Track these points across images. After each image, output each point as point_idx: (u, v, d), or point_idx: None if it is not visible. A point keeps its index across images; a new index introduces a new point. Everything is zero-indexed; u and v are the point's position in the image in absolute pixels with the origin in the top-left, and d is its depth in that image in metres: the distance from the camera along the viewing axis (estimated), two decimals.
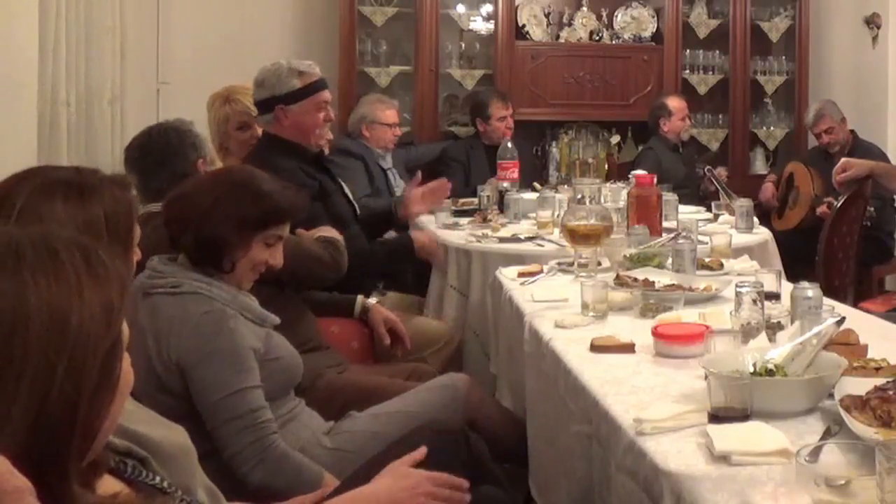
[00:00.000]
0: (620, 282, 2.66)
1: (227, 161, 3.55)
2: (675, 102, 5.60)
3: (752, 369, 1.75)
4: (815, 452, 1.43)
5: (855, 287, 4.34)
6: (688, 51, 6.03)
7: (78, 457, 0.99)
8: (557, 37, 5.94)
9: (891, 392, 1.53)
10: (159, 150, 2.80)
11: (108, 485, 1.13)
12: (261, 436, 2.05)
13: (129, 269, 1.38)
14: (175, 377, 2.10)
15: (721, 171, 5.47)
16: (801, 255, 4.28)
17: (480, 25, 5.86)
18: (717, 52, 6.08)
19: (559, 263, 3.08)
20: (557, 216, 3.60)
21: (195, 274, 2.17)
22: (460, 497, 1.76)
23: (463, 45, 5.88)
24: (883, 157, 5.11)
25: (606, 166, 5.21)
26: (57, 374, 0.95)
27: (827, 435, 1.56)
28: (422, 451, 1.84)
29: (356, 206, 3.53)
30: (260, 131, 3.46)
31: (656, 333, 2.11)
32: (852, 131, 5.46)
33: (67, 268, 0.99)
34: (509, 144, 4.56)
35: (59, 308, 0.97)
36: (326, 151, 3.46)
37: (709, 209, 4.45)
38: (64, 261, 1.00)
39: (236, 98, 3.68)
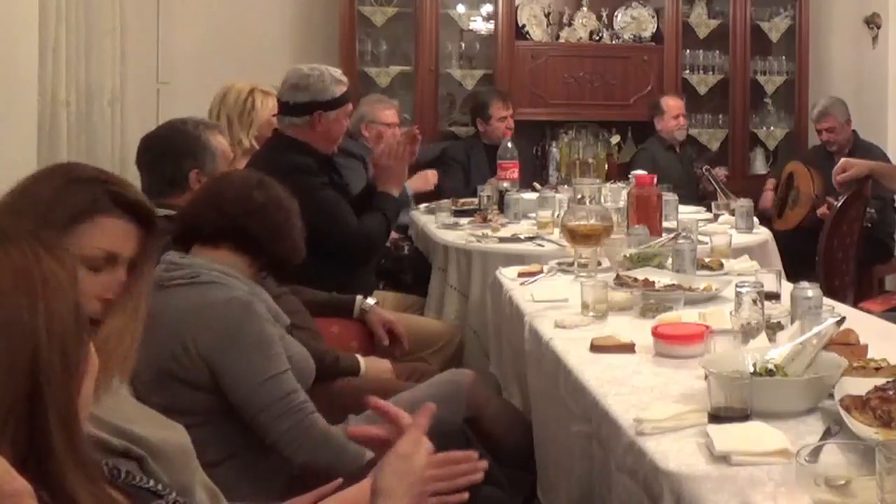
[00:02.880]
0: (620, 282, 2.65)
1: (241, 158, 3.56)
2: (669, 101, 5.60)
3: (752, 369, 1.75)
4: (815, 452, 1.43)
5: (855, 287, 4.33)
6: (688, 51, 6.03)
7: (70, 448, 0.97)
8: (557, 37, 5.94)
9: (891, 392, 1.53)
10: (157, 149, 2.74)
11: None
12: (300, 418, 2.06)
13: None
14: (201, 370, 2.07)
15: (719, 171, 5.47)
16: (801, 255, 4.27)
17: (480, 25, 5.86)
18: (717, 52, 6.08)
19: (559, 263, 3.08)
20: (557, 216, 3.60)
21: (212, 264, 2.16)
22: (472, 468, 1.64)
23: (463, 45, 5.88)
24: (884, 157, 5.11)
25: (606, 166, 5.21)
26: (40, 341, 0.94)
27: (827, 435, 1.56)
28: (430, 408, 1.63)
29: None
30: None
31: (656, 333, 2.11)
32: (853, 131, 5.46)
33: (19, 238, 0.97)
34: (509, 144, 4.56)
35: (23, 269, 0.95)
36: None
37: (708, 209, 4.45)
38: (12, 235, 0.98)
39: (272, 93, 3.72)
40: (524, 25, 5.82)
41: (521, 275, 2.99)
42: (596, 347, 2.12)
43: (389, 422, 1.55)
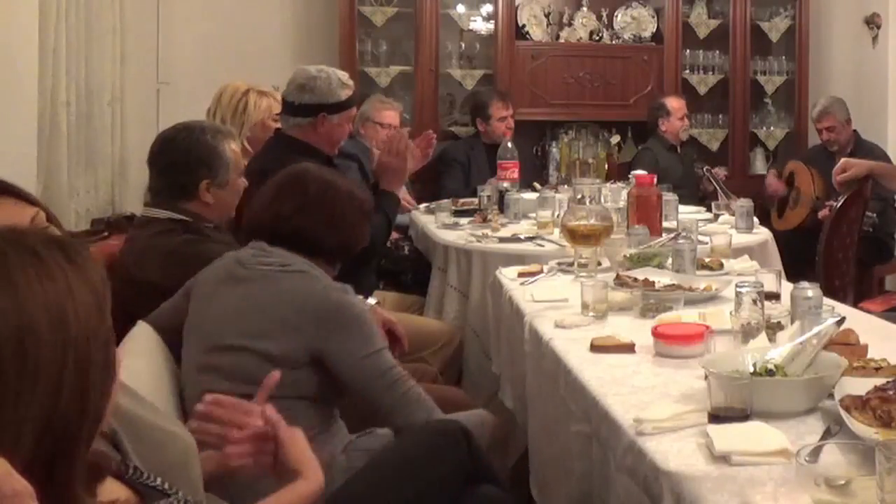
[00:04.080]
0: (620, 282, 2.65)
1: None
2: (674, 103, 5.60)
3: (752, 369, 1.75)
4: (815, 452, 1.43)
5: (855, 287, 4.34)
6: (688, 51, 6.03)
7: (87, 445, 1.00)
8: (557, 37, 5.94)
9: (891, 392, 1.53)
10: (173, 154, 2.66)
11: (110, 487, 1.13)
12: (408, 387, 2.20)
13: None
14: (303, 353, 2.14)
15: (719, 171, 5.47)
16: (801, 255, 4.27)
17: (480, 25, 5.86)
18: (717, 52, 6.08)
19: (559, 263, 3.08)
20: (557, 216, 3.60)
21: (297, 257, 2.26)
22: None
23: (463, 45, 5.88)
24: (885, 157, 5.11)
25: (606, 166, 5.21)
26: (67, 370, 0.97)
27: (827, 435, 1.56)
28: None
29: None
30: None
31: (656, 333, 2.11)
32: (854, 131, 5.46)
33: (51, 263, 1.00)
34: (509, 144, 4.55)
35: (56, 305, 0.97)
36: None
37: (708, 209, 4.45)
38: (45, 257, 1.00)
39: (270, 94, 3.72)
40: (524, 25, 5.82)
41: (521, 275, 2.99)
42: (596, 347, 2.12)
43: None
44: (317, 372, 2.17)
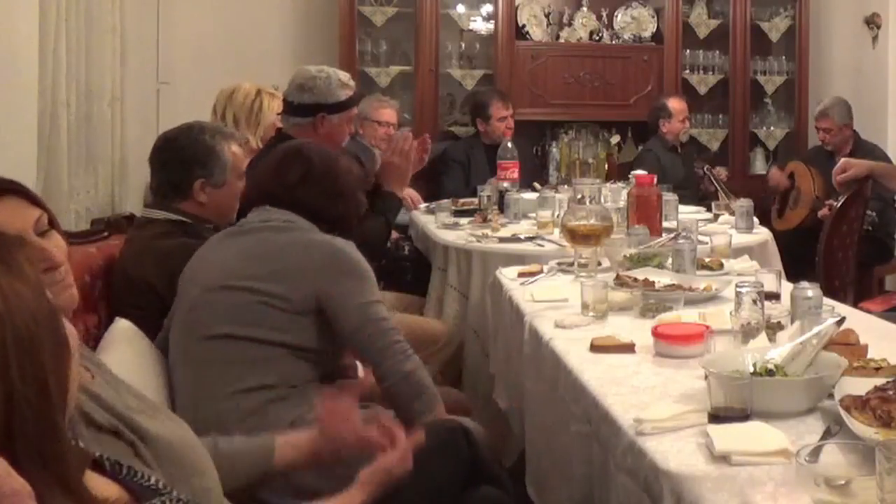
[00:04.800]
0: (620, 282, 2.65)
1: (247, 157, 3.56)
2: (676, 104, 5.60)
3: (752, 369, 1.75)
4: (815, 452, 1.43)
5: (855, 287, 4.34)
6: (688, 51, 6.03)
7: (61, 419, 1.01)
8: (557, 37, 5.94)
9: (891, 392, 1.53)
10: (170, 152, 2.65)
11: (104, 487, 1.13)
12: (399, 339, 2.29)
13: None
14: (307, 296, 2.22)
15: (720, 171, 5.48)
16: (801, 255, 4.27)
17: (480, 25, 5.86)
18: (717, 52, 6.08)
19: (559, 263, 3.08)
20: (557, 216, 3.60)
21: (300, 218, 2.36)
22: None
23: (463, 45, 5.88)
24: (885, 157, 5.11)
25: (606, 166, 5.21)
26: (11, 357, 0.97)
27: (827, 435, 1.56)
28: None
29: None
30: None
31: (656, 333, 2.11)
32: (854, 132, 5.46)
33: None
34: (509, 144, 4.56)
35: None
36: None
37: (708, 209, 4.45)
38: None
39: (276, 95, 3.72)
40: (524, 25, 5.83)
41: (521, 275, 2.99)
42: (596, 347, 2.12)
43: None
44: (315, 322, 2.24)
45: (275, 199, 2.39)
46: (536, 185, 4.83)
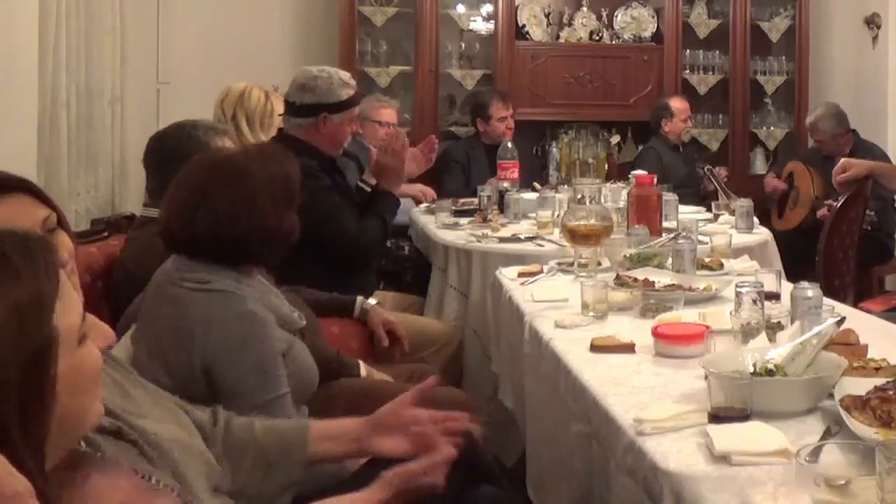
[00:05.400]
0: (620, 282, 2.65)
1: None
2: (678, 104, 5.61)
3: (752, 369, 1.75)
4: (815, 452, 1.43)
5: (855, 287, 4.33)
6: (688, 51, 6.03)
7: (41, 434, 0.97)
8: (557, 37, 5.94)
9: (891, 392, 1.53)
10: (163, 152, 2.66)
11: (110, 489, 1.13)
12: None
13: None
14: (199, 382, 1.97)
15: (721, 171, 5.48)
16: (801, 255, 4.27)
17: (480, 25, 5.86)
18: (717, 52, 6.09)
19: (559, 263, 3.08)
20: (557, 216, 3.60)
21: (225, 271, 2.03)
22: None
23: (463, 45, 5.88)
24: (885, 157, 5.11)
25: (606, 166, 5.21)
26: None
27: (827, 435, 1.56)
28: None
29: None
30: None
31: (656, 333, 2.11)
32: (854, 131, 5.46)
33: None
34: (509, 144, 4.56)
35: None
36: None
37: (709, 209, 4.45)
38: None
39: (279, 97, 3.72)
40: (524, 25, 5.83)
41: (521, 275, 2.99)
42: (596, 347, 2.12)
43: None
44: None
45: (193, 250, 2.05)
46: (536, 185, 4.83)
